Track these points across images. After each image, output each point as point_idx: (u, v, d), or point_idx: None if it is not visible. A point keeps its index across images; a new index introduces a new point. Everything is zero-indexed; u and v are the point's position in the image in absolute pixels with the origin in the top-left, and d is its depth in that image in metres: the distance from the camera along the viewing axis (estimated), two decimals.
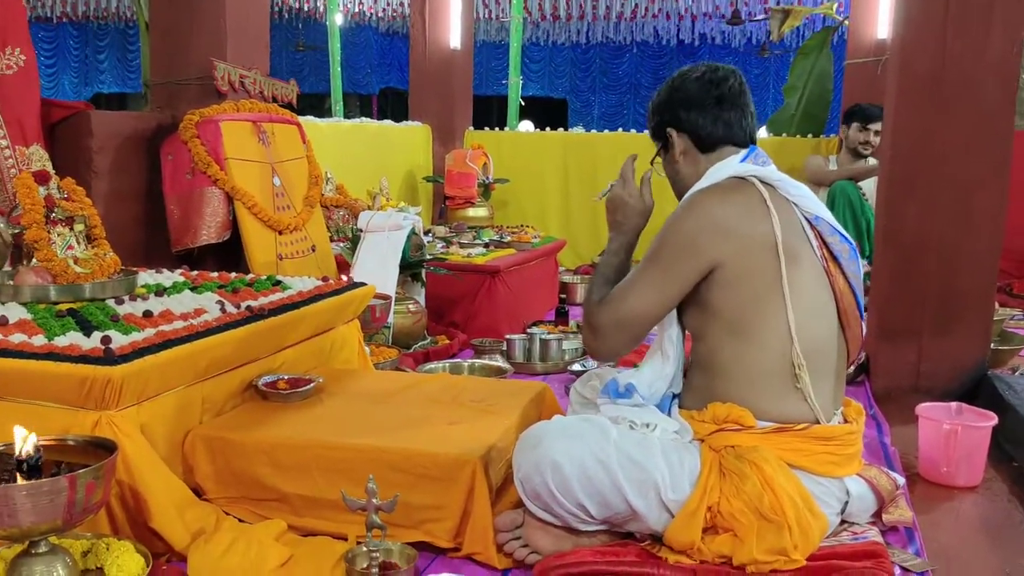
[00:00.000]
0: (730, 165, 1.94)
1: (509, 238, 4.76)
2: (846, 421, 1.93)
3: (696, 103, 1.97)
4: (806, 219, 1.89)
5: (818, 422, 1.85)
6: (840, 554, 1.77)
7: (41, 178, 2.39)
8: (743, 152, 1.96)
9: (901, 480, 2.04)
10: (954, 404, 2.46)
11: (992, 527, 2.14)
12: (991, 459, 2.42)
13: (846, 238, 1.93)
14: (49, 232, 2.35)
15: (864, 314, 1.98)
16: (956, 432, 2.32)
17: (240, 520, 1.98)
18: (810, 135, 5.86)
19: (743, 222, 1.83)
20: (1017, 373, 3.21)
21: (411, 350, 3.45)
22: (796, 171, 5.36)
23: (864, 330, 1.98)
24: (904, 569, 1.84)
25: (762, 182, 1.89)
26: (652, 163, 2.12)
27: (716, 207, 1.85)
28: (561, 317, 4.17)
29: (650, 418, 1.90)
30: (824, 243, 1.89)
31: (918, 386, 3.12)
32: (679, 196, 2.05)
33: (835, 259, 1.90)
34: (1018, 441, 2.54)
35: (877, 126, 5.03)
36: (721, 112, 1.96)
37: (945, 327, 3.11)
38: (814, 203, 1.92)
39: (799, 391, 1.84)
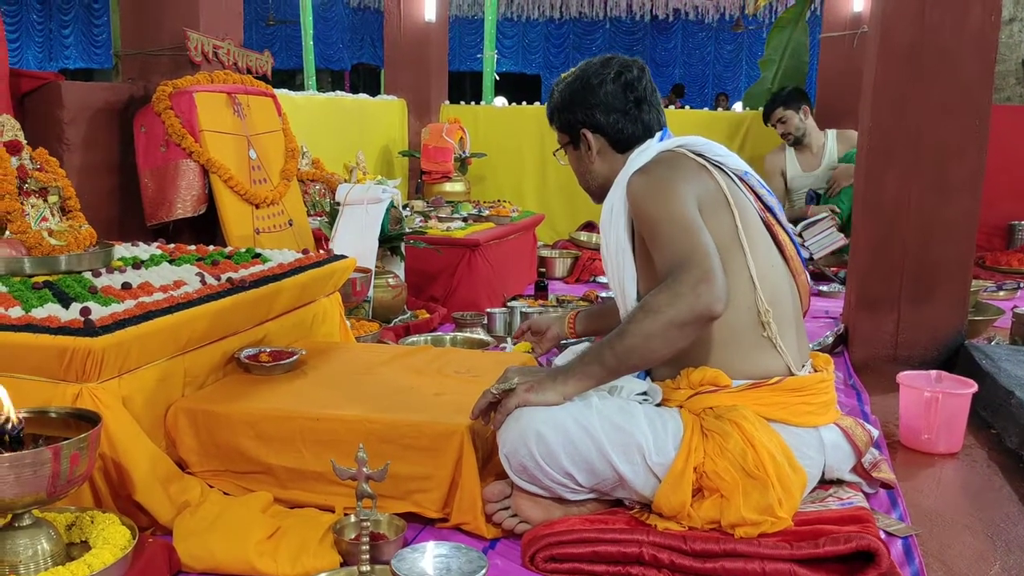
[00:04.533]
0: (650, 149, 1.99)
1: (487, 212, 4.74)
2: (815, 371, 1.96)
3: (616, 107, 2.01)
4: (736, 176, 1.95)
5: (790, 372, 1.88)
6: (827, 519, 1.78)
7: (13, 148, 2.33)
8: (658, 135, 2.03)
9: (875, 432, 2.06)
10: (934, 372, 2.48)
11: (972, 492, 2.17)
12: (970, 427, 2.45)
13: (771, 193, 2.03)
14: (22, 203, 2.30)
15: (805, 266, 2.05)
16: (937, 399, 2.35)
17: (225, 493, 1.96)
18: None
19: (692, 181, 1.87)
20: (993, 343, 3.25)
21: (391, 324, 3.43)
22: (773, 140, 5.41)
23: (809, 280, 2.04)
24: (889, 534, 1.86)
25: (689, 150, 1.95)
26: (555, 154, 2.18)
27: (664, 171, 1.89)
28: (540, 291, 4.17)
29: (615, 382, 1.90)
30: (757, 196, 1.97)
31: (896, 356, 3.16)
32: (587, 188, 2.13)
33: (770, 210, 1.97)
34: (995, 408, 2.57)
35: (773, 117, 5.17)
36: (640, 114, 2.02)
37: (923, 297, 3.14)
38: (738, 161, 2.00)
39: (768, 341, 1.86)
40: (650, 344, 1.72)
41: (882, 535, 1.77)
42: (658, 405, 1.89)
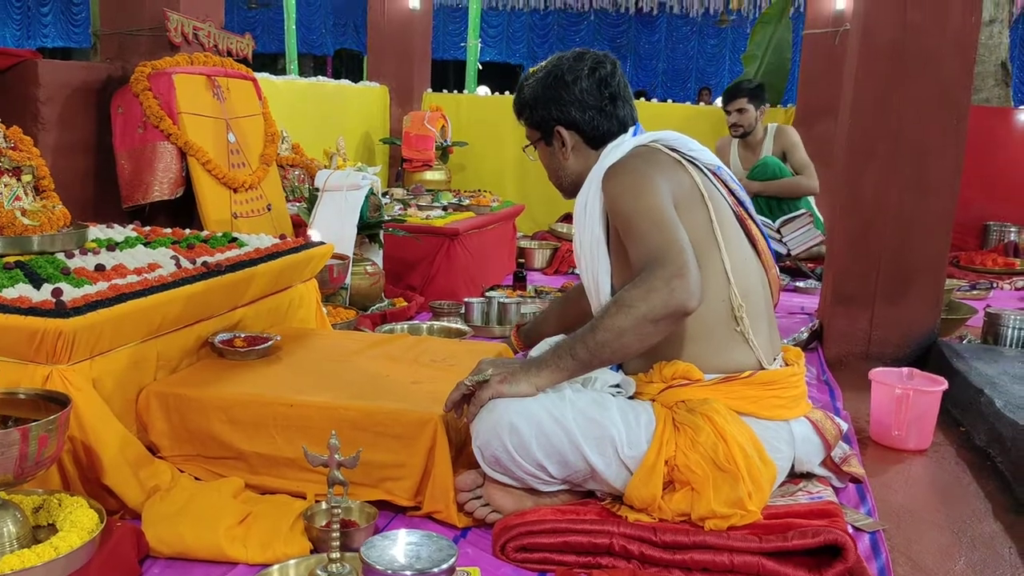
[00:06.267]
0: (624, 144, 1.98)
1: (468, 201, 4.73)
2: (786, 364, 1.98)
3: (592, 104, 1.99)
4: (709, 170, 1.96)
5: (761, 366, 1.89)
6: (796, 512, 1.79)
7: None
8: (631, 131, 2.03)
9: (845, 425, 2.08)
10: (906, 369, 2.50)
11: (940, 488, 2.20)
12: (939, 424, 2.47)
13: (742, 188, 2.04)
14: None
15: (776, 260, 2.06)
16: (908, 396, 2.37)
17: (196, 478, 1.95)
18: (768, 104, 5.89)
19: (667, 176, 1.87)
20: (965, 341, 3.28)
21: (368, 312, 3.42)
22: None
23: (779, 274, 2.06)
24: (857, 528, 1.87)
25: (663, 145, 1.95)
26: (525, 150, 2.17)
27: (640, 166, 1.89)
28: (519, 281, 4.17)
29: (589, 374, 1.90)
30: (730, 190, 1.98)
31: (869, 352, 3.18)
32: (559, 184, 2.12)
33: (742, 204, 1.99)
34: (965, 406, 2.60)
35: (736, 104, 5.00)
36: (615, 110, 2.01)
37: (898, 295, 3.16)
38: (711, 156, 2.01)
39: (740, 336, 1.87)
40: (623, 339, 1.73)
41: (850, 529, 1.79)
42: (631, 398, 1.90)
